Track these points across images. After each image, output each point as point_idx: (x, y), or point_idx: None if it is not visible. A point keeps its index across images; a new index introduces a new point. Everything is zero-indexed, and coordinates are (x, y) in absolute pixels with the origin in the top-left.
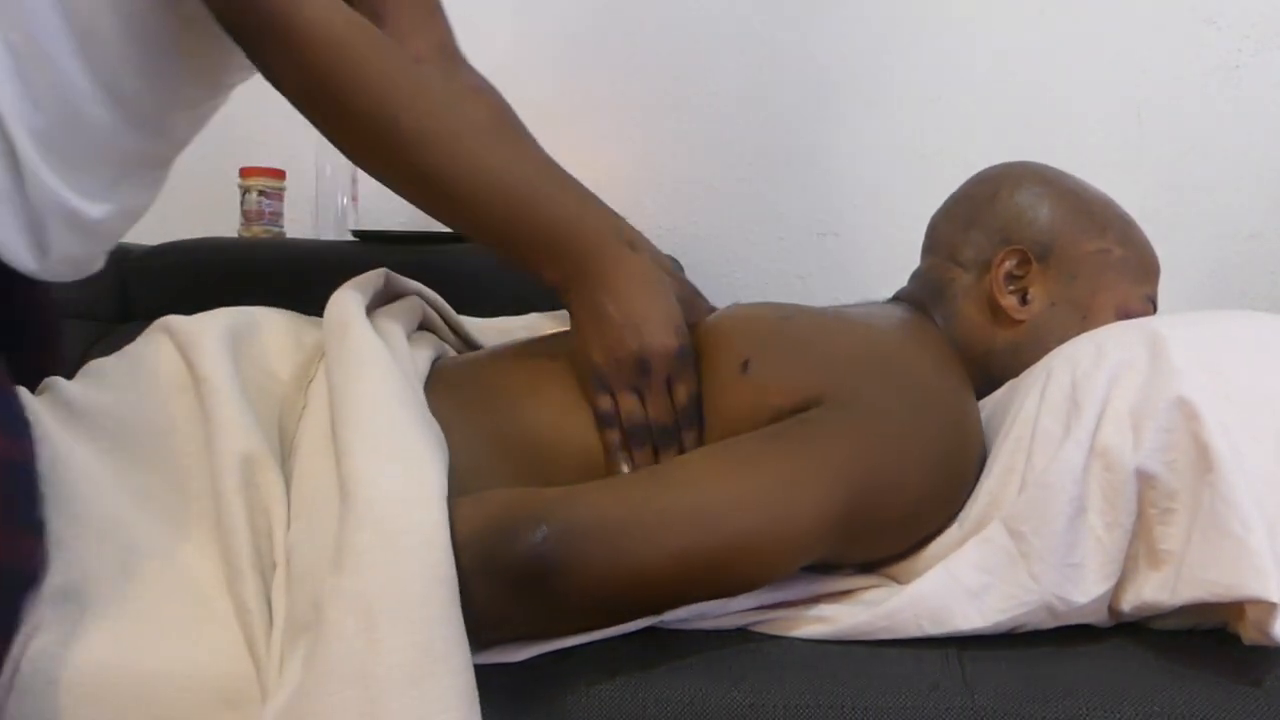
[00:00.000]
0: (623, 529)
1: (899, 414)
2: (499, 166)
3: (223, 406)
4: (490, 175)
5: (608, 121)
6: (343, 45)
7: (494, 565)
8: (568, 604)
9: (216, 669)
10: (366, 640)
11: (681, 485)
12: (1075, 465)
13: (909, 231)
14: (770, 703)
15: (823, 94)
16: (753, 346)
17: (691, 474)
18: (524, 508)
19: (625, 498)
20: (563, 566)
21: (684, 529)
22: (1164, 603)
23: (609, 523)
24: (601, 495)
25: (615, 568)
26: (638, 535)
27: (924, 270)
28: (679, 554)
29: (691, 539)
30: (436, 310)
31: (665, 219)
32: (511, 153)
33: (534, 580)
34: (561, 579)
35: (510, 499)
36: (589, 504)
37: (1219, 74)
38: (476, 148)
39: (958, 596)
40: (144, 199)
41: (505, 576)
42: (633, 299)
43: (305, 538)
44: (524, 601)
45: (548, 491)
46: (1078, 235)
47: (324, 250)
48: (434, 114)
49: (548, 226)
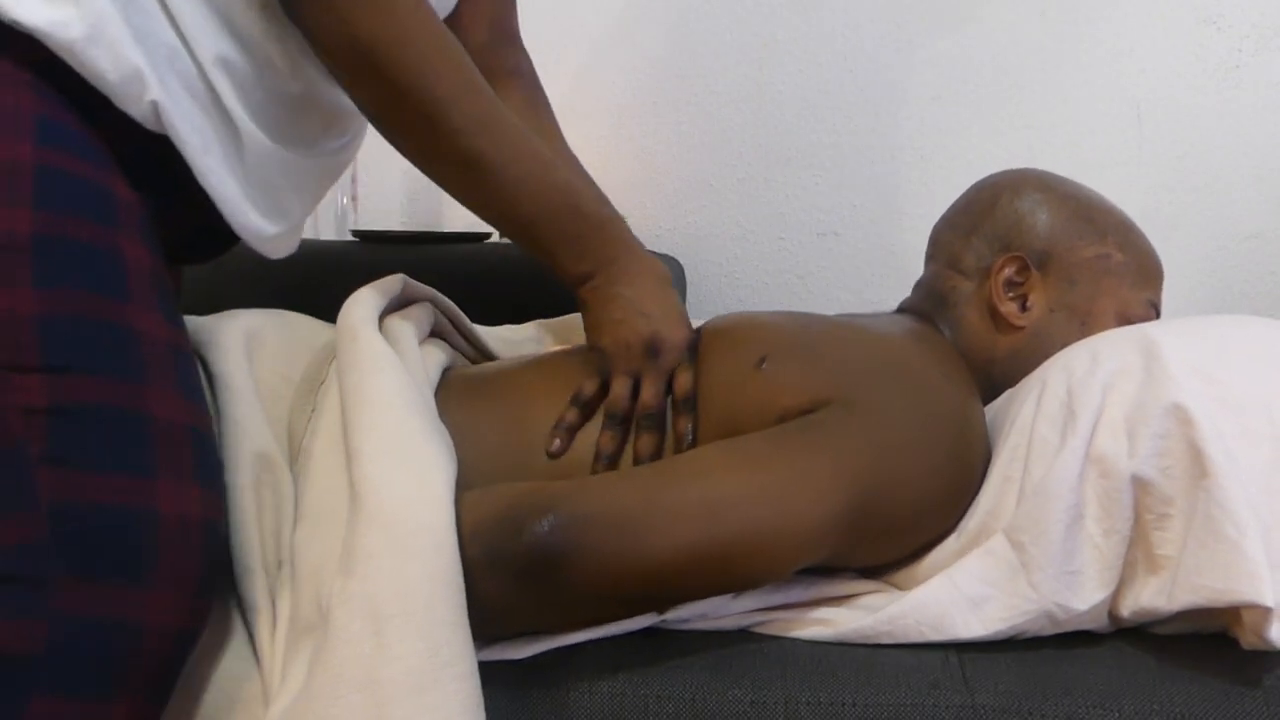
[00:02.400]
0: (629, 520)
1: (907, 417)
2: (540, 163)
3: (238, 405)
4: (532, 169)
5: (608, 121)
6: (398, 10)
7: (500, 556)
8: (573, 595)
9: (221, 669)
10: (374, 644)
11: (690, 478)
12: (1071, 473)
13: (909, 232)
14: (770, 700)
15: (823, 94)
16: (771, 345)
17: (700, 468)
18: (531, 499)
19: (632, 490)
20: (568, 557)
21: (691, 521)
22: (1162, 608)
23: (615, 514)
24: (608, 487)
25: (621, 558)
26: (644, 526)
27: (927, 279)
28: (685, 545)
29: (698, 531)
30: (450, 317)
31: (665, 219)
32: (547, 149)
33: (540, 571)
34: (567, 570)
35: (517, 491)
36: (595, 495)
37: (1219, 74)
38: (520, 143)
39: (959, 605)
40: (347, 153)
41: (511, 567)
42: (650, 291)
43: (312, 539)
44: (530, 592)
45: (555, 484)
46: (1077, 241)
47: (324, 250)
48: (483, 105)
49: (579, 221)
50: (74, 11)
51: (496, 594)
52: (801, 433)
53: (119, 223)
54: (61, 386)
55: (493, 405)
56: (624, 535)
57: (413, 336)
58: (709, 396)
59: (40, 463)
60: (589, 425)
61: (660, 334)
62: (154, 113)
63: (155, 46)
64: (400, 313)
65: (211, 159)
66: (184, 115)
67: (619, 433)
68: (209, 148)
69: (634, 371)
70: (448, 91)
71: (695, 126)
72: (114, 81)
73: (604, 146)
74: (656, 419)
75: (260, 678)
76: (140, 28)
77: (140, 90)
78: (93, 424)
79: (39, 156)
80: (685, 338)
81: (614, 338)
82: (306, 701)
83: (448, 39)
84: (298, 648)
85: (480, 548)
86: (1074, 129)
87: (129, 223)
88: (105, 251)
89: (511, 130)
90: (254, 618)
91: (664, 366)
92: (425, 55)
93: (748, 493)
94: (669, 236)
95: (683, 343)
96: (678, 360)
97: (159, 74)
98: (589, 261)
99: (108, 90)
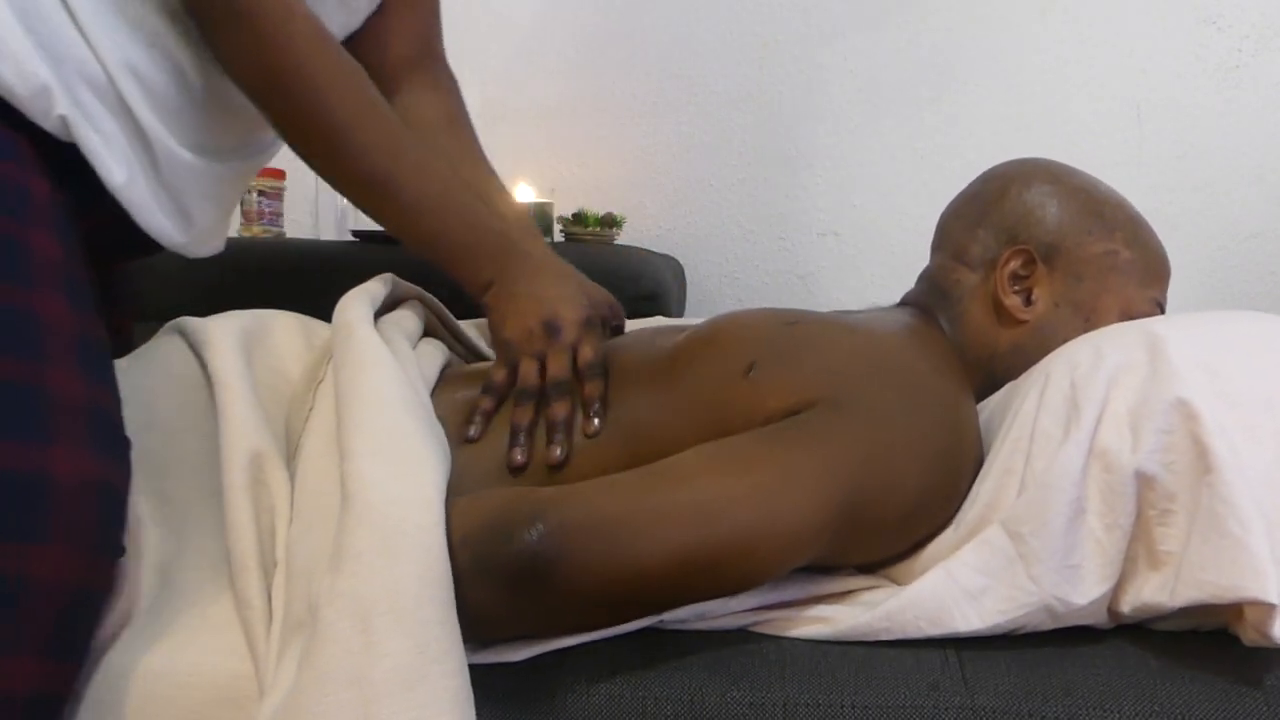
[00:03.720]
0: (619, 525)
1: (895, 414)
2: (439, 182)
3: (234, 404)
4: (430, 188)
5: (608, 121)
6: (295, 40)
7: (490, 564)
8: (564, 602)
9: (217, 666)
10: (362, 643)
11: (677, 482)
12: (1074, 467)
13: (909, 231)
14: (769, 701)
15: (823, 94)
16: (759, 351)
17: (687, 471)
18: (520, 506)
19: (620, 495)
20: (558, 564)
21: (680, 525)
22: (1164, 604)
23: (605, 519)
24: (597, 493)
25: (611, 564)
26: (634, 531)
27: (931, 271)
28: (675, 550)
29: (688, 535)
30: (437, 316)
31: (665, 219)
32: (447, 168)
33: (530, 578)
34: (557, 577)
35: (506, 497)
36: (584, 501)
37: (1219, 74)
38: (419, 163)
39: (957, 598)
40: (259, 159)
41: (501, 575)
42: (547, 282)
43: (304, 537)
44: (521, 600)
45: (544, 490)
46: (1085, 236)
47: (323, 250)
48: (383, 128)
49: (476, 234)
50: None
51: (487, 601)
52: (789, 433)
53: (29, 217)
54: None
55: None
56: (613, 541)
57: (407, 335)
58: (699, 405)
59: None
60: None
61: (558, 313)
62: (63, 125)
63: (62, 57)
64: (394, 312)
65: (121, 168)
66: (95, 125)
67: (529, 406)
68: (119, 156)
69: (538, 353)
70: (347, 116)
71: (695, 126)
72: (22, 96)
73: (604, 146)
74: (564, 387)
75: (256, 675)
76: (45, 38)
77: (48, 105)
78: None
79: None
80: (582, 314)
81: (515, 326)
82: (296, 699)
83: (347, 66)
84: (289, 645)
85: (470, 555)
86: (1074, 129)
87: (40, 218)
88: (11, 241)
89: (411, 151)
90: (250, 615)
91: (565, 342)
92: (325, 83)
93: (736, 495)
94: (669, 236)
95: (579, 319)
96: (578, 334)
97: (68, 84)
98: (488, 270)
99: (17, 104)
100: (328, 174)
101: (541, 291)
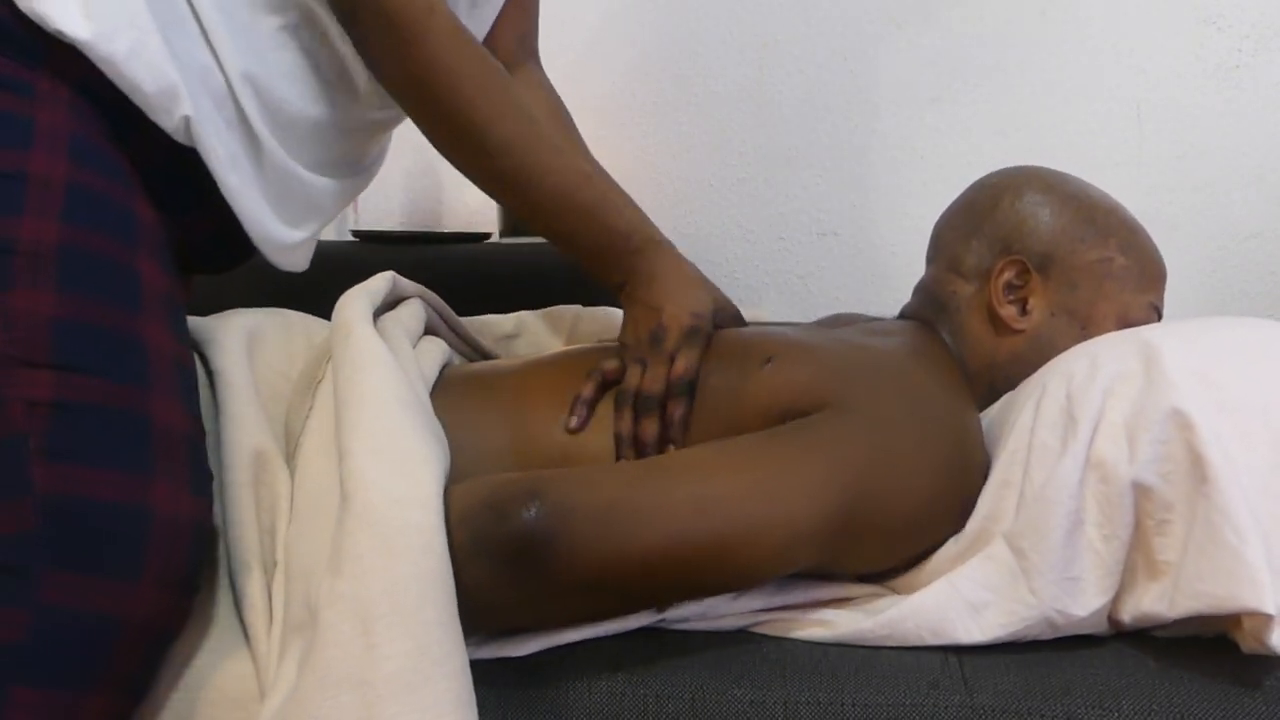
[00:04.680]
0: (617, 508)
1: (901, 423)
2: (573, 177)
3: (236, 402)
4: (563, 187)
5: (608, 121)
6: (437, 36)
7: (486, 541)
8: (558, 584)
9: (218, 666)
10: (363, 645)
11: (680, 471)
12: (1072, 479)
13: (908, 231)
14: (770, 700)
15: (823, 94)
16: (778, 348)
17: (690, 464)
18: (517, 485)
19: (621, 480)
20: (553, 544)
21: (679, 513)
22: (1163, 614)
23: (603, 502)
24: (597, 476)
25: (606, 548)
26: (631, 517)
27: (926, 283)
28: (671, 538)
29: (686, 523)
30: (440, 313)
31: (665, 219)
32: (578, 165)
33: (524, 556)
34: (551, 556)
35: (504, 479)
36: (584, 484)
37: (1219, 74)
38: (554, 161)
39: (959, 610)
40: (363, 179)
41: (498, 553)
42: (665, 288)
43: (303, 537)
44: (516, 579)
45: (543, 471)
46: (1078, 244)
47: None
48: (519, 126)
49: (608, 236)
50: (117, 26)
51: (484, 581)
52: (796, 433)
53: (137, 241)
54: (68, 384)
55: (492, 404)
56: (609, 525)
57: (408, 334)
58: (714, 394)
59: (37, 455)
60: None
61: (663, 322)
62: (185, 126)
63: (189, 64)
64: (394, 311)
65: (235, 173)
66: (212, 130)
67: (627, 412)
68: (234, 161)
69: (642, 359)
70: (486, 115)
71: (695, 126)
72: (150, 94)
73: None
74: (653, 400)
75: (256, 674)
76: (177, 45)
77: (174, 104)
78: (94, 422)
79: (71, 174)
80: (686, 323)
81: (629, 332)
82: (297, 701)
83: (487, 64)
84: (289, 646)
85: (467, 533)
86: (1074, 129)
87: (146, 242)
88: (123, 266)
89: (547, 149)
90: (251, 615)
91: (665, 351)
92: (466, 80)
93: (737, 489)
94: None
95: (683, 327)
96: (678, 344)
97: (191, 90)
98: (619, 273)
99: (143, 102)
100: (470, 171)
101: (657, 297)
